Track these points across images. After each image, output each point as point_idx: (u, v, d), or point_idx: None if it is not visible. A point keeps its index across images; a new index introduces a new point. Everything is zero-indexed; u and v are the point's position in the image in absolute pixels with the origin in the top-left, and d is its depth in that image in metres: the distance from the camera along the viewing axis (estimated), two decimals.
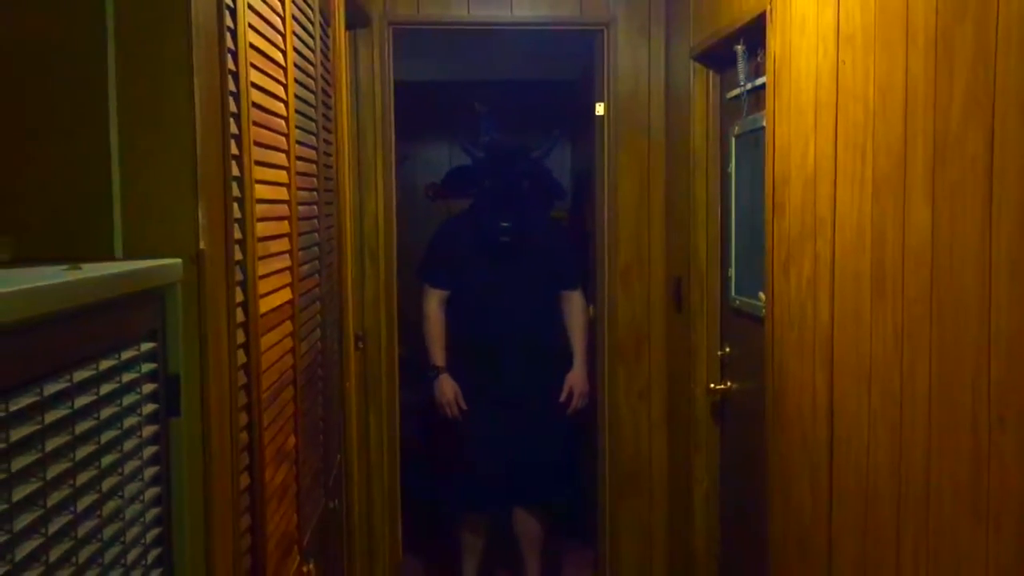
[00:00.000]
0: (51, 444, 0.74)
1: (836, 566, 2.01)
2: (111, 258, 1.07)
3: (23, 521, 0.69)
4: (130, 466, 0.93)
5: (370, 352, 3.61)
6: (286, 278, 1.91)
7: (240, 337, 1.48)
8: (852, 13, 1.87)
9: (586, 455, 4.14)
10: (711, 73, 3.20)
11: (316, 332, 2.32)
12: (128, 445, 0.92)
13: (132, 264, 0.98)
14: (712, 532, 3.32)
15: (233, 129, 1.44)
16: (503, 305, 3.78)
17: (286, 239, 1.93)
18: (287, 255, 1.93)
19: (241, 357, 1.49)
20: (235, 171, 1.44)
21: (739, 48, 2.73)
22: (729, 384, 3.12)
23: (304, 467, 2.09)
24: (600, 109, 3.77)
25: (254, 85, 1.64)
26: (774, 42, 2.36)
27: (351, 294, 3.09)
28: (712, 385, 3.18)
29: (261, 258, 1.66)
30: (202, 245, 1.11)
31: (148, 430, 0.98)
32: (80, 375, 0.80)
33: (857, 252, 1.87)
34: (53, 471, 0.75)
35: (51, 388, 0.75)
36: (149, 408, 0.99)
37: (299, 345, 2.04)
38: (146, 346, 0.98)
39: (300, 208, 2.07)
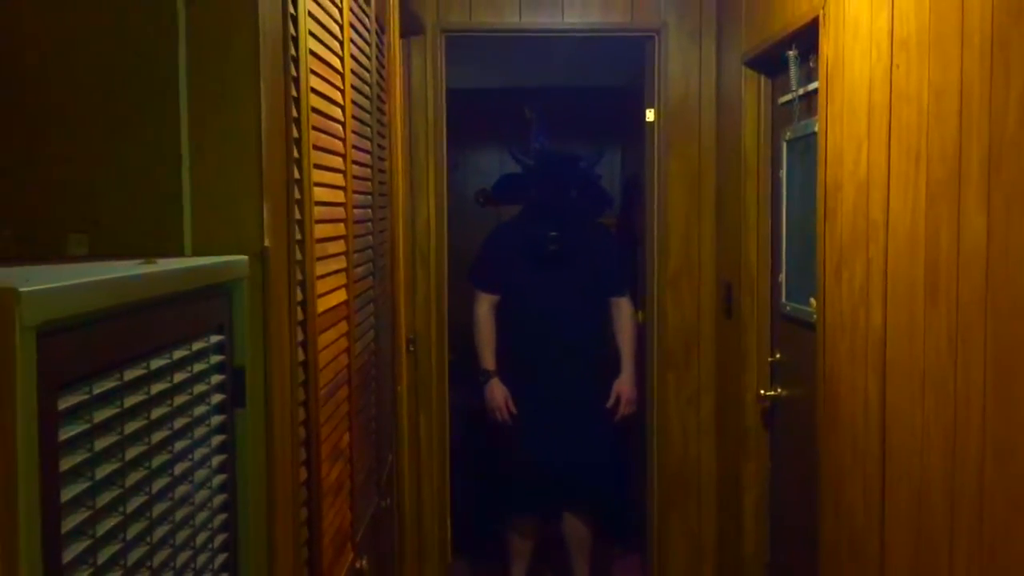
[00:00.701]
0: (130, 427, 0.78)
1: (888, 570, 1.99)
2: (180, 255, 1.12)
3: (104, 499, 0.73)
4: (199, 453, 0.97)
5: (421, 355, 3.66)
6: (342, 279, 1.96)
7: (299, 335, 1.52)
8: (906, 16, 1.87)
9: (635, 460, 4.14)
10: (763, 78, 3.20)
11: (370, 333, 2.37)
12: (198, 432, 0.96)
13: (202, 260, 1.03)
14: (762, 538, 3.30)
15: (294, 133, 1.49)
16: (552, 311, 3.81)
17: (342, 241, 1.97)
18: (343, 257, 1.97)
19: (299, 354, 1.53)
20: (295, 173, 1.49)
21: (791, 53, 2.72)
22: (779, 390, 3.10)
23: (358, 465, 2.13)
24: (651, 115, 3.78)
25: (313, 90, 1.68)
26: (827, 46, 2.35)
27: (403, 297, 3.13)
28: (762, 391, 3.17)
29: (319, 259, 1.70)
30: (266, 243, 1.16)
31: (215, 419, 1.03)
32: (156, 363, 0.85)
33: (911, 257, 1.86)
34: (131, 453, 0.79)
35: (130, 374, 0.79)
36: (217, 398, 1.03)
37: (354, 345, 2.09)
38: (214, 338, 1.02)
39: (355, 211, 2.12)
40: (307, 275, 1.57)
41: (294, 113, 1.50)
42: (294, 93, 1.50)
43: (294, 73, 1.50)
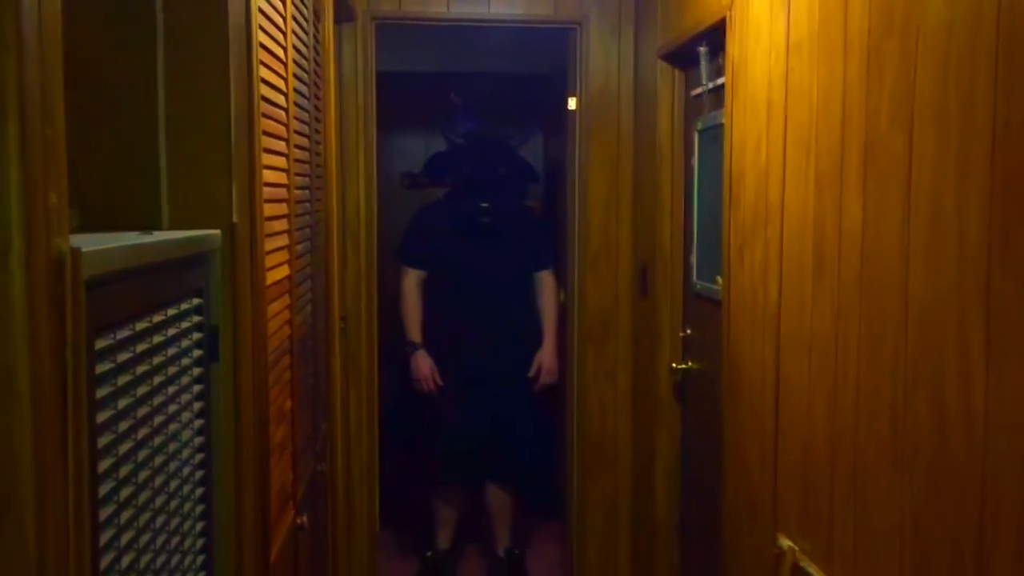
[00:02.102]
0: (140, 369, 0.93)
1: (780, 520, 2.23)
2: (159, 229, 1.26)
3: (123, 426, 0.89)
4: (184, 398, 1.12)
5: (351, 331, 3.79)
6: (285, 255, 2.10)
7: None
8: (800, 24, 2.09)
9: (556, 432, 4.35)
10: (676, 72, 3.41)
11: (307, 308, 2.51)
12: (183, 381, 1.11)
13: (187, 233, 1.17)
14: (672, 502, 3.54)
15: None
16: (480, 285, 3.98)
17: (285, 220, 2.11)
18: (286, 235, 2.12)
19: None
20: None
21: (702, 50, 2.93)
22: (690, 364, 3.33)
23: (298, 429, 2.28)
24: (572, 103, 3.97)
25: (262, 80, 1.82)
26: (733, 46, 2.57)
27: (336, 275, 3.27)
28: (674, 365, 3.39)
29: (267, 236, 1.85)
30: (235, 219, 1.30)
31: (196, 371, 1.18)
32: (157, 318, 0.99)
33: (801, 240, 2.09)
34: (141, 391, 0.94)
35: (140, 325, 0.94)
36: (197, 353, 1.18)
37: (295, 317, 2.23)
38: (196, 301, 1.17)
39: (296, 192, 2.26)
40: (258, 250, 1.72)
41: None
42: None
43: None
